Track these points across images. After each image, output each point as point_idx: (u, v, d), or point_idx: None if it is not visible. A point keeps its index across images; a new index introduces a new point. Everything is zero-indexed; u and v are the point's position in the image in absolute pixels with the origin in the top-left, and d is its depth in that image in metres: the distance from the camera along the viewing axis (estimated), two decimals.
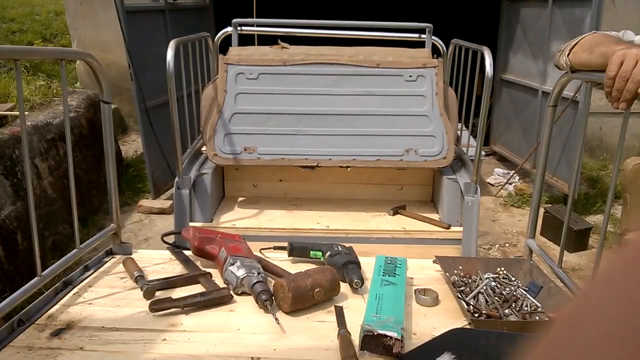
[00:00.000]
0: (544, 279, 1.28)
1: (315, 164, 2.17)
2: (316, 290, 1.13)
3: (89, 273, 1.31)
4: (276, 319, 1.08)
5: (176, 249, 1.45)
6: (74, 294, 1.20)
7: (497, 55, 4.73)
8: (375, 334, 0.98)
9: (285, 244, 1.43)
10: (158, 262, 1.37)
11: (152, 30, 3.84)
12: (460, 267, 1.36)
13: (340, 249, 1.36)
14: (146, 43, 3.70)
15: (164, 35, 3.85)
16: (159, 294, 1.19)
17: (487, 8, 5.93)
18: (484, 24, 5.64)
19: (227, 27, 2.82)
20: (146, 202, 3.99)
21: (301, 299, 1.13)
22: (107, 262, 1.38)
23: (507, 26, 4.86)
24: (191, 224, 2.05)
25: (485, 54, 2.17)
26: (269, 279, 1.25)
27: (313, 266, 1.29)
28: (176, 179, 2.08)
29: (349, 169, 2.18)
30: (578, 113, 3.47)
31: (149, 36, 3.78)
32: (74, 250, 1.28)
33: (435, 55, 2.38)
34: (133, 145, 5.09)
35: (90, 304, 1.16)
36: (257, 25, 2.95)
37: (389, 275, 1.24)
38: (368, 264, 1.33)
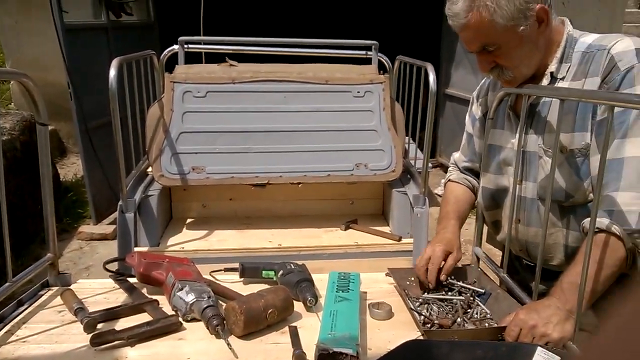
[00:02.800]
0: (491, 285, 1.31)
1: (266, 182, 2.14)
2: (269, 311, 1.11)
3: (22, 308, 1.21)
4: (228, 344, 1.04)
5: (120, 276, 1.38)
6: (6, 332, 1.11)
7: (440, 71, 4.90)
8: (331, 352, 0.96)
9: (237, 265, 1.40)
10: (100, 292, 1.30)
11: (94, 49, 3.73)
12: (412, 278, 1.37)
13: (292, 267, 1.34)
14: (87, 61, 3.59)
15: (106, 53, 3.74)
16: (101, 327, 1.12)
17: (429, 26, 6.14)
18: (426, 41, 5.84)
19: (173, 45, 2.76)
20: (87, 228, 3.82)
21: (254, 322, 1.10)
22: (43, 295, 1.29)
23: (448, 43, 5.05)
24: (136, 249, 1.96)
25: (428, 69, 2.22)
26: (220, 302, 1.21)
27: (266, 286, 1.26)
28: (120, 202, 1.99)
29: (300, 185, 2.17)
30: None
31: (91, 54, 3.66)
32: (6, 284, 1.18)
33: (381, 72, 2.43)
34: (72, 168, 4.89)
35: (24, 341, 1.07)
36: (205, 43, 2.91)
37: (342, 291, 1.23)
38: (321, 281, 1.32)
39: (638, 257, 1.03)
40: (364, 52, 2.75)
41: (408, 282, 1.36)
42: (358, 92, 2.27)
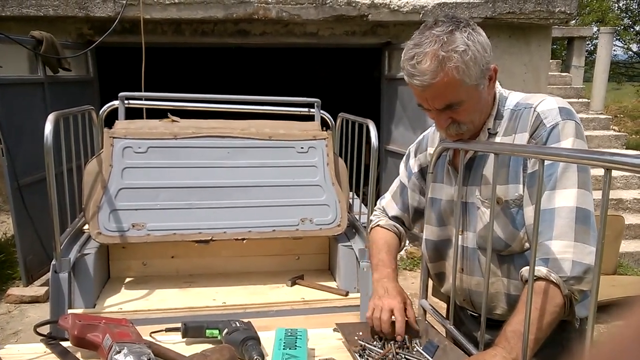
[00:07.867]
0: (439, 337, 1.32)
1: (210, 238, 2.10)
2: None
3: None
4: None
5: (52, 340, 1.29)
6: None
7: (380, 128, 5.10)
8: None
9: (179, 325, 1.34)
10: (30, 358, 1.20)
11: (29, 104, 3.62)
12: (360, 333, 1.36)
13: (238, 325, 1.30)
14: (22, 116, 3.48)
15: (42, 108, 3.64)
16: None
17: (369, 85, 6.45)
18: (367, 99, 6.10)
19: (113, 100, 2.73)
20: (16, 291, 3.57)
21: None
22: None
23: (387, 102, 5.29)
24: (70, 311, 1.84)
25: (370, 126, 2.32)
26: None
27: (210, 346, 1.22)
28: (53, 262, 1.88)
29: (244, 241, 2.14)
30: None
31: (26, 109, 3.55)
32: None
33: (324, 128, 2.50)
34: (2, 227, 4.59)
35: None
36: (146, 99, 2.90)
37: (289, 349, 1.21)
38: (268, 338, 1.28)
39: (574, 303, 1.09)
40: (306, 109, 2.84)
41: (356, 337, 1.35)
42: (302, 147, 2.32)
